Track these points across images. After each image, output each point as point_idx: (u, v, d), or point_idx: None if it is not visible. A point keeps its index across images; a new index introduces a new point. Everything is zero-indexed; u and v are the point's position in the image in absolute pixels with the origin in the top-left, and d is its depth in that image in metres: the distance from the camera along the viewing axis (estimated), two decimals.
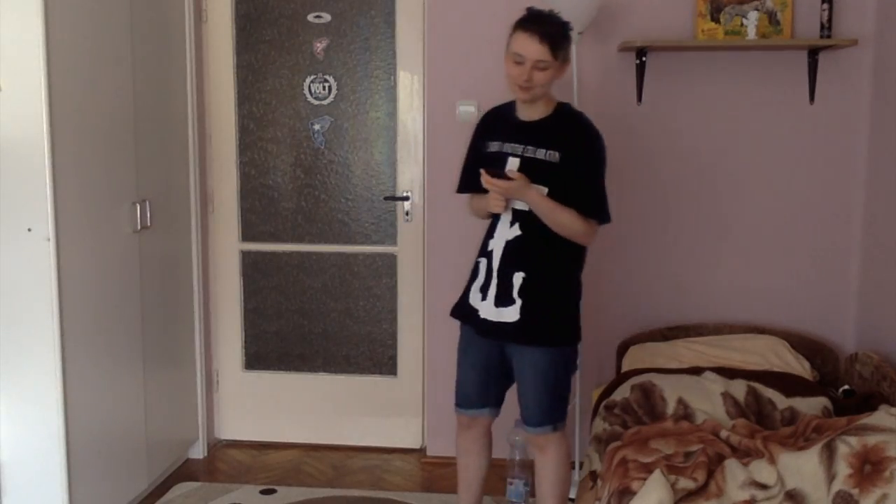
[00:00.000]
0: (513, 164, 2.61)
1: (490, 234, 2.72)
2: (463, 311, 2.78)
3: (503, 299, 2.65)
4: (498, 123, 2.73)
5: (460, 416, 2.88)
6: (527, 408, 2.74)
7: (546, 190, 2.57)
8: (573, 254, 2.68)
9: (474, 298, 2.74)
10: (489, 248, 2.70)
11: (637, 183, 3.60)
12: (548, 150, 2.58)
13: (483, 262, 2.72)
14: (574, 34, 3.24)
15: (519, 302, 2.62)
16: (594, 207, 2.61)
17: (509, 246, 2.64)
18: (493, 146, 2.69)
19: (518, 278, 2.62)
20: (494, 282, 2.66)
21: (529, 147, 2.60)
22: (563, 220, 2.56)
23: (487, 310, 2.68)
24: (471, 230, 2.88)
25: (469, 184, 2.77)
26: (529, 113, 2.65)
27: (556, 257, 2.64)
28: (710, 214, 3.60)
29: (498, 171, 2.55)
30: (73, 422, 2.83)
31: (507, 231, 2.66)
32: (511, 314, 2.63)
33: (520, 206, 2.62)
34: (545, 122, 2.63)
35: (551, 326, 2.65)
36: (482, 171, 2.56)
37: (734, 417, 2.83)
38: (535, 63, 2.51)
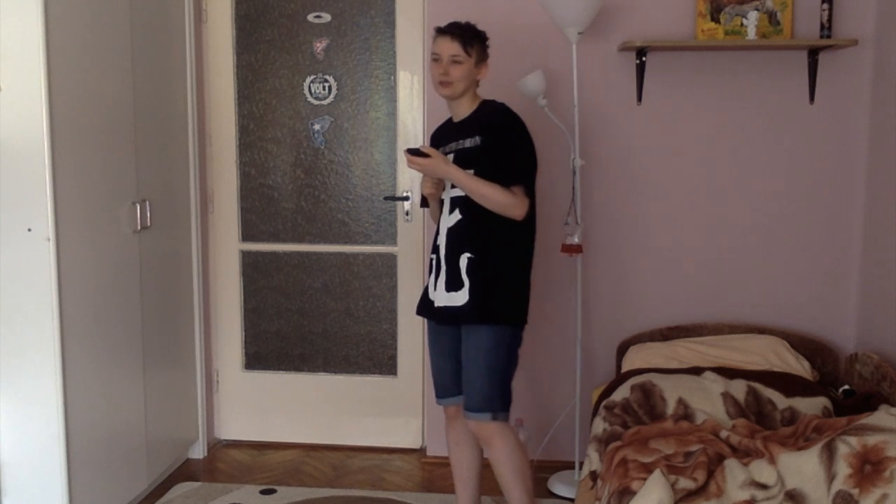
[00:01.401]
0: (451, 160, 2.78)
1: (437, 230, 2.88)
2: (424, 306, 2.94)
3: (452, 284, 2.78)
4: (441, 134, 2.96)
5: (445, 408, 2.97)
6: (467, 392, 2.80)
7: (472, 172, 2.73)
8: (517, 234, 2.79)
9: (430, 291, 2.89)
10: (437, 243, 2.86)
11: (636, 183, 3.61)
12: (472, 139, 2.79)
13: (434, 256, 2.88)
14: (574, 34, 3.28)
15: (467, 283, 2.75)
16: (512, 174, 2.73)
17: (451, 232, 2.80)
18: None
19: (464, 260, 2.76)
20: (443, 269, 2.81)
21: (460, 141, 2.82)
22: (485, 192, 2.70)
23: (440, 297, 2.82)
24: None
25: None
26: (459, 113, 2.87)
27: (500, 237, 2.76)
28: (709, 214, 3.61)
29: (415, 149, 2.74)
30: (73, 422, 2.83)
31: (447, 220, 2.82)
32: (461, 297, 2.76)
33: (457, 193, 2.78)
34: (470, 117, 2.85)
35: (498, 304, 2.76)
36: (404, 152, 2.78)
37: (734, 417, 2.83)
38: (450, 58, 2.76)
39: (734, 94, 3.53)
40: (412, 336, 3.94)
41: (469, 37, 2.77)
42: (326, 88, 3.87)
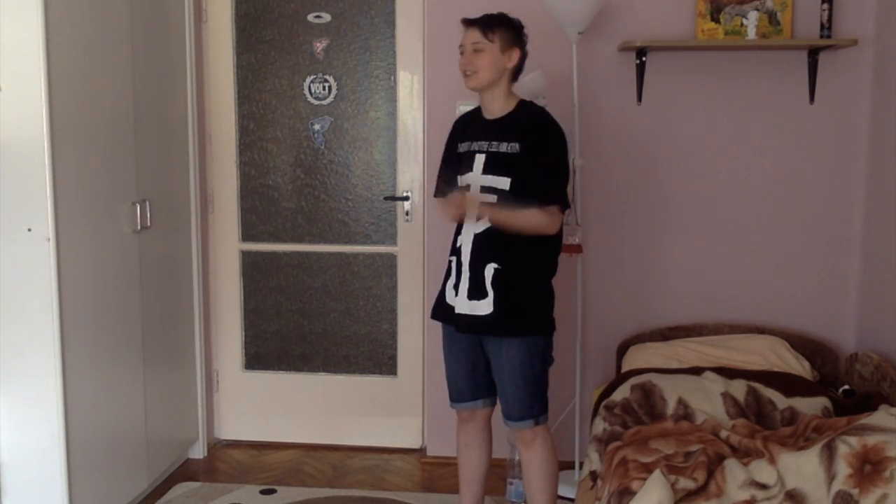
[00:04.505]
0: (479, 160, 2.71)
1: (458, 230, 2.80)
2: (441, 311, 2.85)
3: (475, 293, 2.71)
4: (467, 126, 2.86)
5: (459, 411, 2.94)
6: (507, 403, 2.78)
7: (508, 181, 2.65)
8: (545, 244, 2.74)
9: (449, 296, 2.81)
10: (458, 245, 2.78)
11: (637, 183, 3.61)
12: (509, 143, 2.68)
13: (453, 259, 2.80)
14: (574, 34, 3.28)
15: (491, 294, 2.68)
16: (553, 194, 2.67)
17: (478, 239, 2.71)
18: (463, 146, 2.80)
19: (490, 270, 2.68)
20: (466, 276, 2.73)
21: (493, 142, 2.72)
22: (523, 223, 2.65)
23: (462, 305, 2.74)
24: None
25: (444, 189, 2.86)
26: (492, 111, 2.76)
27: (529, 249, 2.70)
28: (709, 214, 3.61)
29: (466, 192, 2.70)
30: (73, 422, 2.83)
31: (475, 225, 2.72)
32: (484, 307, 2.69)
33: (487, 200, 2.70)
34: (506, 118, 2.74)
35: (526, 316, 2.71)
36: (462, 192, 2.71)
37: (734, 417, 2.83)
38: (472, 46, 2.68)
39: (734, 94, 3.53)
40: (412, 336, 3.93)
41: (489, 22, 2.67)
42: (326, 88, 3.87)
